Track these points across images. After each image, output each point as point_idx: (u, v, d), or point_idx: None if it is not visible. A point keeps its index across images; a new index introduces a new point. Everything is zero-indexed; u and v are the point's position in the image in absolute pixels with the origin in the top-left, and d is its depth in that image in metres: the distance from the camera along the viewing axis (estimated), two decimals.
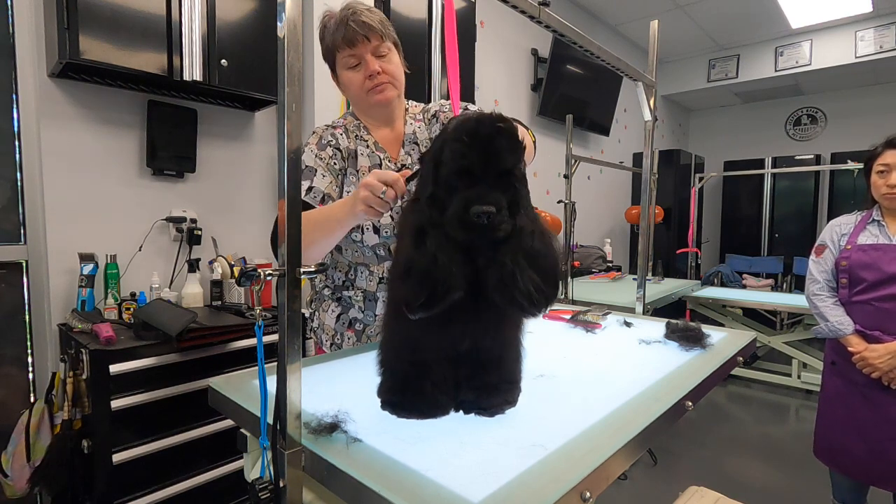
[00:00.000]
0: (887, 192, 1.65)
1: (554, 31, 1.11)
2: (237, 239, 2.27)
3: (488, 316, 0.68)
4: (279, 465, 0.59)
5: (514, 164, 0.64)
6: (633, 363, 0.97)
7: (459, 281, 0.63)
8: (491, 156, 0.62)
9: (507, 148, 0.62)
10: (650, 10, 4.44)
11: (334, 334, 1.17)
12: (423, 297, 0.62)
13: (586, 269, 3.77)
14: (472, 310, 0.67)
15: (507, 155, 0.62)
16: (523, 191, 0.67)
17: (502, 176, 0.63)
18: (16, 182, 1.79)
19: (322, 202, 1.04)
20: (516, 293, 0.62)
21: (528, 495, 0.51)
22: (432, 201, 0.66)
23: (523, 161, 0.67)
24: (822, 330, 1.73)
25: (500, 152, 0.62)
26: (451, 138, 0.64)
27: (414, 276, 0.63)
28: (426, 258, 0.63)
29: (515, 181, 0.65)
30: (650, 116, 1.62)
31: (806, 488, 2.28)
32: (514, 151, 0.63)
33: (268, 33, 1.97)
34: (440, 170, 0.65)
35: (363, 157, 1.12)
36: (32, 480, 1.49)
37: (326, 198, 1.05)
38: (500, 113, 0.66)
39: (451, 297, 0.63)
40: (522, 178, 0.68)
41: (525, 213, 0.66)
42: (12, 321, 1.81)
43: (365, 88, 1.10)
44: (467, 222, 0.61)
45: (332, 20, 1.08)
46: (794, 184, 5.57)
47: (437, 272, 0.62)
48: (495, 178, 0.62)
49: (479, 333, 0.70)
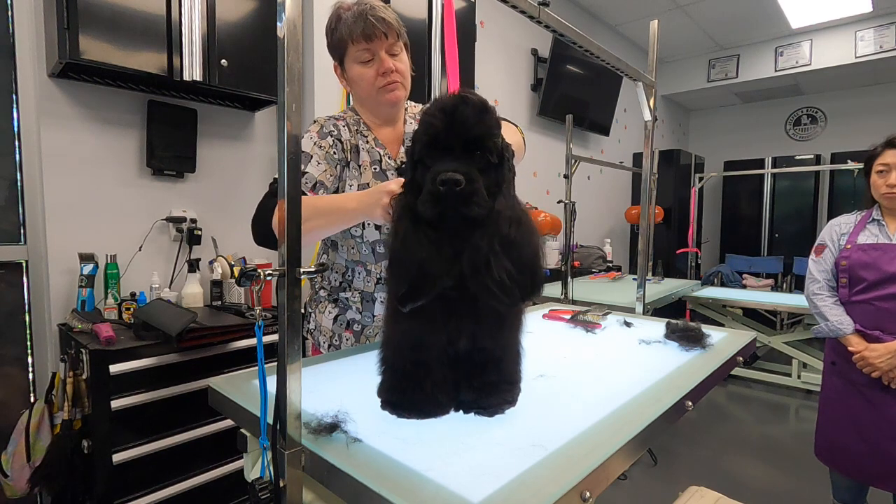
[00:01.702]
0: (887, 191, 1.65)
1: (554, 31, 1.11)
2: (237, 239, 2.27)
3: (482, 312, 0.68)
4: (279, 465, 0.59)
5: (481, 132, 0.62)
6: (633, 363, 0.97)
7: (441, 267, 0.62)
8: (456, 124, 0.61)
9: (473, 116, 0.61)
10: (650, 10, 4.44)
11: (332, 335, 1.17)
12: (405, 286, 0.62)
13: (586, 269, 3.77)
14: (466, 305, 0.66)
15: (473, 123, 0.61)
16: (505, 174, 0.65)
17: (470, 145, 0.62)
18: (16, 182, 1.79)
19: (313, 189, 1.02)
20: (489, 280, 0.61)
21: (528, 495, 0.51)
22: (411, 187, 0.66)
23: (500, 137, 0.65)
24: (822, 329, 1.73)
25: (466, 120, 0.61)
26: (422, 118, 0.65)
27: (395, 267, 0.63)
28: (405, 246, 0.63)
29: (489, 155, 0.63)
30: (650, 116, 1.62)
31: (806, 488, 2.28)
32: (482, 120, 0.62)
33: (268, 33, 1.97)
34: (414, 152, 0.66)
35: (364, 152, 1.12)
36: (32, 480, 1.49)
37: (318, 185, 1.03)
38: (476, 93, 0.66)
39: (436, 286, 0.62)
40: (503, 160, 0.66)
41: (504, 198, 0.65)
42: (12, 321, 1.81)
43: (376, 85, 1.09)
44: (435, 194, 0.59)
45: (347, 12, 1.06)
46: (794, 184, 5.57)
47: (416, 260, 0.62)
48: (464, 149, 0.62)
49: (474, 331, 0.69)
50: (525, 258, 0.63)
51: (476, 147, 0.62)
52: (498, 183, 0.64)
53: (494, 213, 0.63)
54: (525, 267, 0.63)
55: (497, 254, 0.61)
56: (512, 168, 0.70)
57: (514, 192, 0.69)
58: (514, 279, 0.62)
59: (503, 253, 0.61)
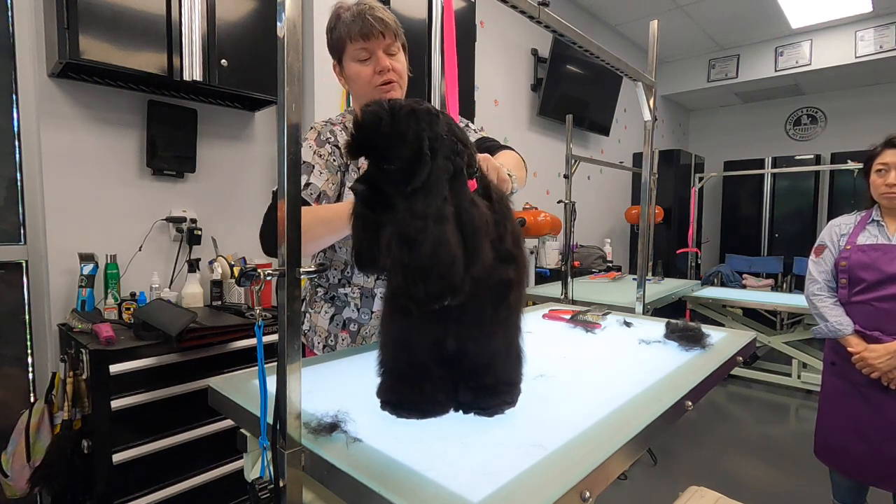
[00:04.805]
0: (886, 191, 1.65)
1: (554, 31, 1.11)
2: (237, 239, 2.27)
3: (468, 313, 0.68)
4: (279, 465, 0.59)
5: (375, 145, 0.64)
6: (633, 363, 0.97)
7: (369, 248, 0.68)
8: (357, 140, 0.66)
9: (369, 129, 0.64)
10: (650, 10, 4.44)
11: (327, 336, 1.17)
12: (353, 255, 0.71)
13: (586, 269, 3.77)
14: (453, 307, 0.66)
15: (367, 137, 0.64)
16: (424, 174, 0.62)
17: (376, 157, 0.65)
18: (16, 182, 1.79)
19: (318, 200, 1.04)
20: (391, 277, 0.62)
21: (527, 495, 0.51)
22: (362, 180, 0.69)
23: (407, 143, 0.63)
24: (822, 330, 1.73)
25: (363, 135, 0.65)
26: None
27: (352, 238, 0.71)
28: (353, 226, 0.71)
29: (394, 164, 0.64)
30: (650, 116, 1.62)
31: (806, 488, 2.28)
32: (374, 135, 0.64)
33: (268, 33, 1.97)
34: None
35: None
36: (32, 480, 1.49)
37: (322, 195, 1.05)
38: (402, 100, 0.66)
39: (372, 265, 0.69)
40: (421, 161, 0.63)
41: (423, 197, 0.62)
42: (12, 321, 1.81)
43: (373, 84, 1.10)
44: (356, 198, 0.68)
45: (347, 12, 1.09)
46: (794, 184, 5.57)
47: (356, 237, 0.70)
48: (373, 159, 0.66)
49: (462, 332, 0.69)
50: (423, 255, 0.60)
51: (378, 158, 0.65)
52: (411, 184, 0.62)
53: (402, 213, 0.62)
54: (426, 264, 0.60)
55: (394, 254, 0.61)
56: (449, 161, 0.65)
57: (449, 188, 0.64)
58: (413, 277, 0.60)
59: (399, 250, 0.61)
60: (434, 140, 0.64)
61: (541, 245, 3.61)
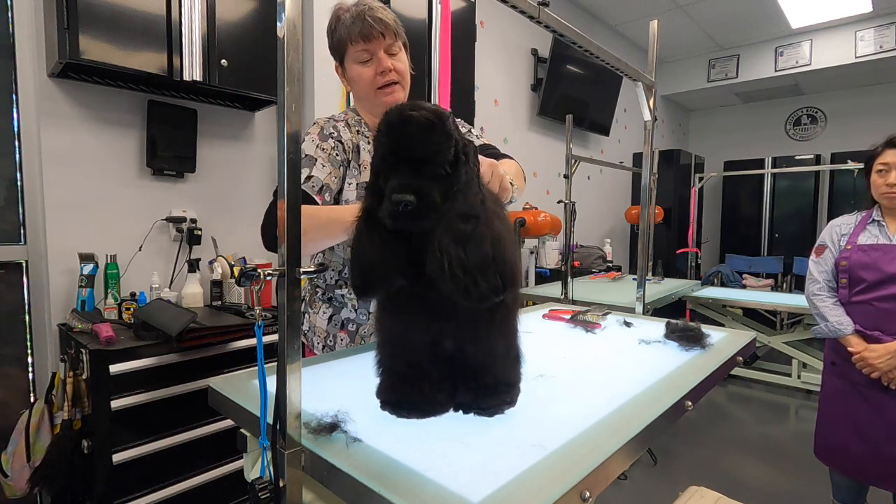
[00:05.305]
0: (886, 191, 1.65)
1: (554, 32, 1.11)
2: (237, 239, 2.27)
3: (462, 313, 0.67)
4: (279, 465, 0.59)
5: (427, 152, 0.62)
6: (633, 363, 0.97)
7: (391, 267, 0.65)
8: (402, 147, 0.63)
9: (417, 135, 0.62)
10: (650, 10, 4.44)
11: (326, 336, 1.17)
12: (357, 280, 0.67)
13: (586, 269, 3.76)
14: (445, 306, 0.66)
15: (418, 143, 0.62)
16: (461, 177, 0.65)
17: (422, 164, 0.63)
18: (16, 182, 1.79)
19: (320, 193, 1.03)
20: (447, 280, 0.61)
21: (527, 495, 0.51)
22: (373, 191, 0.67)
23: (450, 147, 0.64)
24: (822, 330, 1.73)
25: (411, 141, 0.62)
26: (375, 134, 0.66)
27: (353, 261, 0.68)
28: (359, 245, 0.67)
29: (442, 169, 0.63)
30: (650, 116, 1.62)
31: (806, 488, 2.28)
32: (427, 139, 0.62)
33: (268, 33, 1.97)
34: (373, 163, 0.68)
35: (364, 151, 1.12)
36: (32, 480, 1.49)
37: (325, 188, 1.04)
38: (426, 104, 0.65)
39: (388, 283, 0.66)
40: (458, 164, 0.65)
41: (464, 198, 0.64)
42: (12, 321, 1.81)
43: (375, 85, 1.10)
44: (392, 212, 0.62)
45: (346, 13, 1.09)
46: (794, 184, 5.57)
47: (367, 260, 0.66)
48: (416, 166, 0.63)
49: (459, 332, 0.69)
50: (480, 251, 0.62)
51: (429, 164, 0.63)
52: (454, 187, 0.64)
53: (449, 215, 0.63)
54: (480, 260, 0.62)
55: (450, 253, 0.61)
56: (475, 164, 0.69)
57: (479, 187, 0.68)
58: (470, 274, 0.61)
59: (459, 250, 0.61)
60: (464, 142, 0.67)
61: (541, 245, 3.61)
